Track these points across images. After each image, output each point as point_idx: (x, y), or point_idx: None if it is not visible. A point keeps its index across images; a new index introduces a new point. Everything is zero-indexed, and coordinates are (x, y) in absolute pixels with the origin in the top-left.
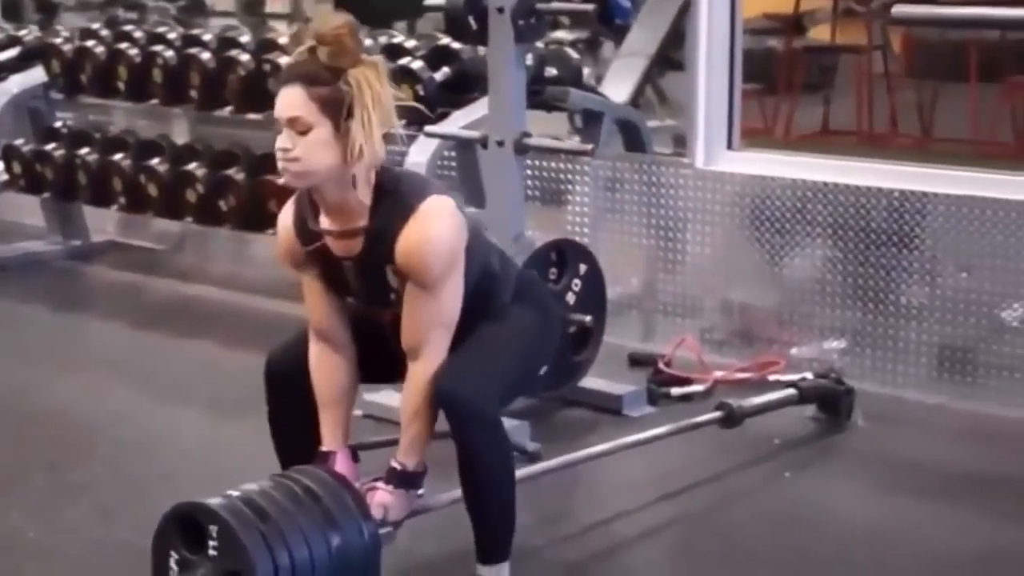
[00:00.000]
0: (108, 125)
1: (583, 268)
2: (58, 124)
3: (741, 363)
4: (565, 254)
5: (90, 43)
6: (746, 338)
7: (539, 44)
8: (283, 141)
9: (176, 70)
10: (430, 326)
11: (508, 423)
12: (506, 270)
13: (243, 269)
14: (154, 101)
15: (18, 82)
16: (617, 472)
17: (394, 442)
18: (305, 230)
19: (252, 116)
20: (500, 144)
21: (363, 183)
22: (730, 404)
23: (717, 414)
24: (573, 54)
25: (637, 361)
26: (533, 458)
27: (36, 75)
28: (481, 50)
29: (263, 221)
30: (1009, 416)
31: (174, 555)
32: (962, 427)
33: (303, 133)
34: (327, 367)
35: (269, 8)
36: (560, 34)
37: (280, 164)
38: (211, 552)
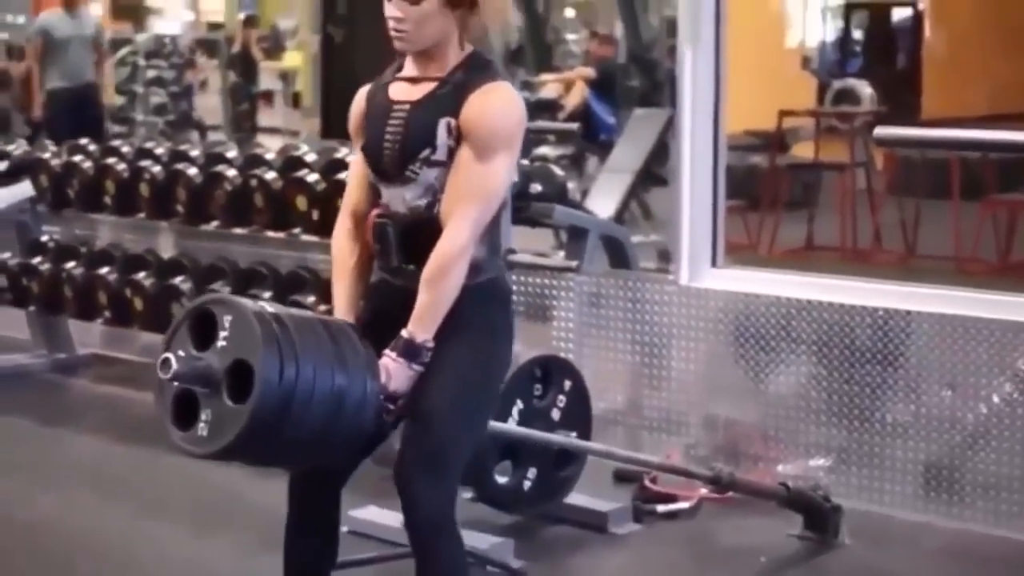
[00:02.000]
0: (94, 239)
1: (568, 384)
2: (44, 238)
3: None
4: (550, 370)
5: (77, 158)
6: (731, 455)
7: (524, 160)
8: (392, 11)
9: (163, 185)
10: (470, 195)
11: (492, 540)
12: (496, 251)
13: None
14: (141, 215)
15: (5, 196)
16: None
17: (379, 559)
18: (377, 87)
19: (238, 231)
20: None
21: (460, 46)
22: (721, 468)
23: (707, 472)
24: (558, 171)
25: (622, 477)
26: None
27: (24, 189)
28: None
29: None
30: (995, 535)
31: (178, 352)
32: (949, 546)
33: (414, 3)
34: (352, 242)
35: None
36: (545, 150)
37: (392, 33)
38: (220, 344)
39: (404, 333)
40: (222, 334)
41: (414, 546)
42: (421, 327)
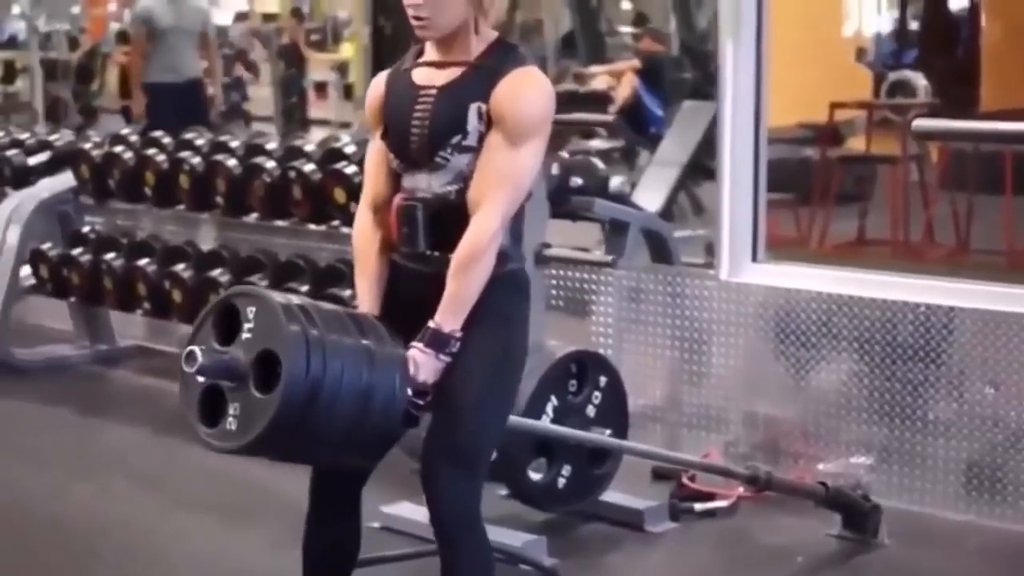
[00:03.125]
0: (135, 230)
1: (603, 380)
2: (86, 229)
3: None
4: (585, 366)
5: (118, 148)
6: (771, 452)
7: (564, 154)
8: None
9: (202, 176)
10: (500, 181)
11: (526, 538)
12: (521, 241)
13: None
14: (181, 207)
15: (47, 186)
16: None
17: (411, 556)
18: (398, 72)
19: (278, 223)
20: None
21: (483, 34)
22: (758, 467)
23: (745, 472)
24: (599, 163)
25: (660, 475)
26: (550, 574)
27: (65, 180)
28: None
29: None
30: None
31: (198, 347)
32: (990, 546)
33: None
34: (374, 235)
35: (311, 114)
36: (595, 143)
37: (413, 21)
38: (244, 336)
39: (432, 323)
40: (246, 326)
41: (439, 540)
42: (450, 317)
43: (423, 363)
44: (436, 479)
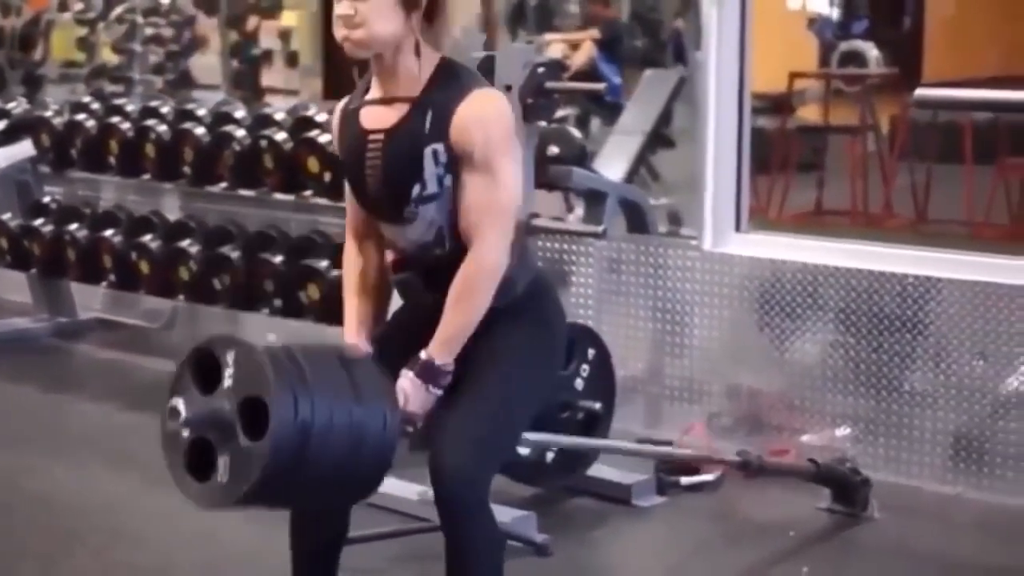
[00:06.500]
0: (98, 200)
1: (591, 353)
2: (46, 199)
3: (751, 451)
4: (573, 338)
5: (81, 116)
6: (755, 424)
7: (542, 123)
8: (343, 8)
9: (169, 145)
10: (488, 211)
11: (515, 514)
12: (525, 257)
13: None
14: (146, 176)
15: (5, 155)
16: (627, 561)
17: (390, 535)
18: (347, 111)
19: (246, 192)
20: None
21: (427, 58)
22: (749, 452)
23: (736, 459)
24: (576, 132)
25: None
26: (541, 551)
27: (24, 148)
28: None
29: (258, 300)
30: None
31: (181, 400)
32: (979, 519)
33: None
34: (357, 258)
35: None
36: None
37: (340, 33)
38: (226, 383)
39: (423, 354)
40: (227, 372)
41: (443, 524)
42: (443, 350)
43: (412, 394)
44: (443, 465)
